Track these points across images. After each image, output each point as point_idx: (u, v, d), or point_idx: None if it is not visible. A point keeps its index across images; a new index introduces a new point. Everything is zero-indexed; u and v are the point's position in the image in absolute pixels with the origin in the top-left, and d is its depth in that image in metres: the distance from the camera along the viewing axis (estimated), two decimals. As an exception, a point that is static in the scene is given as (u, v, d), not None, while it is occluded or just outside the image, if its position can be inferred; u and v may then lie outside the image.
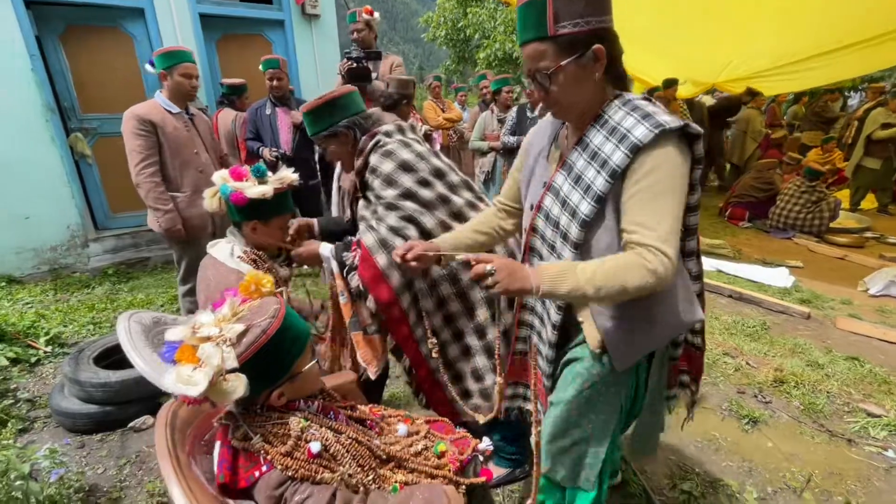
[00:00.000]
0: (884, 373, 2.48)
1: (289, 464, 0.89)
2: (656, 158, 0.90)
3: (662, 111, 0.94)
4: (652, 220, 0.90)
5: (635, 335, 1.06)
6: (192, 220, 2.63)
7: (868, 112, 6.26)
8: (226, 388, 0.85)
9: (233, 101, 4.01)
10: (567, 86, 0.96)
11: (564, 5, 0.90)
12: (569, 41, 0.92)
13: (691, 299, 1.12)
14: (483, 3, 13.78)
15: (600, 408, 1.14)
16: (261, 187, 1.48)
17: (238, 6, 4.53)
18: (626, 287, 0.89)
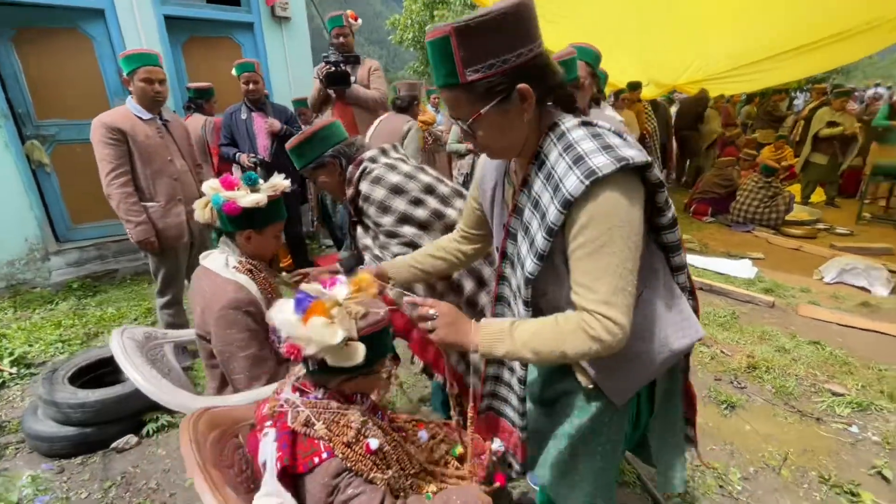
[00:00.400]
0: (843, 354, 2.68)
1: (349, 455, 0.92)
2: (591, 211, 0.80)
3: (599, 146, 0.82)
4: (591, 281, 0.82)
5: (629, 373, 0.98)
6: (167, 230, 2.54)
7: (813, 111, 6.72)
8: (348, 352, 0.92)
9: (200, 105, 3.90)
10: (493, 132, 0.87)
11: (473, 47, 0.78)
12: (485, 88, 0.81)
13: (685, 318, 1.01)
14: (450, 5, 13.87)
15: (606, 436, 1.06)
16: (254, 196, 1.46)
17: (205, 8, 4.40)
18: (566, 353, 0.84)
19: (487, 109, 0.82)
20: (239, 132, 3.41)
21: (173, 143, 2.62)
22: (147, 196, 2.50)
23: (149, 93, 2.40)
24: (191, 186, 2.68)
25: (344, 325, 0.91)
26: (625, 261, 0.81)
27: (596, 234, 0.80)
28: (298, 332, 0.89)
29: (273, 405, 1.01)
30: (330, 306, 0.91)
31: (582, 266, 0.83)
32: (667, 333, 0.97)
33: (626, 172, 0.80)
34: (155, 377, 1.28)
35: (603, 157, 0.79)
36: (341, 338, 0.89)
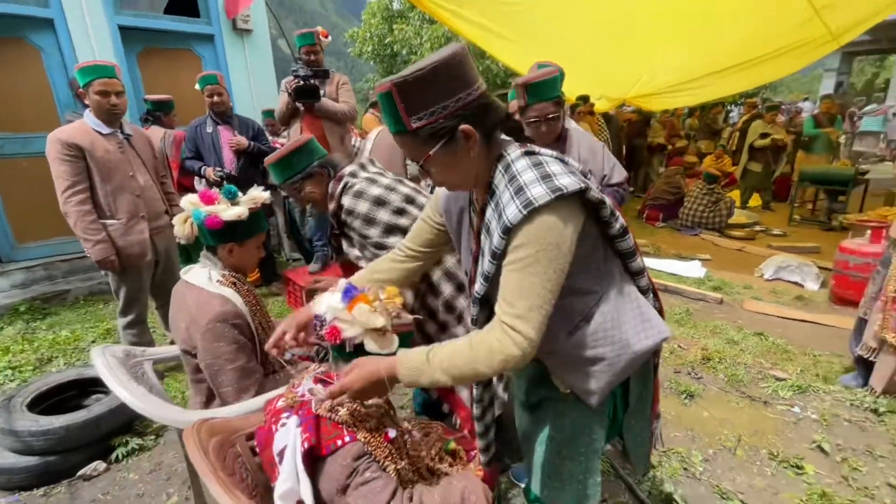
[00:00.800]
0: (783, 343, 2.95)
1: (371, 440, 0.98)
2: (525, 235, 0.86)
3: (538, 176, 0.88)
4: (512, 296, 0.88)
5: (597, 376, 1.03)
6: (129, 248, 2.46)
7: (746, 123, 7.36)
8: (386, 340, 1.02)
9: (159, 117, 3.79)
10: (443, 170, 0.94)
11: (414, 99, 0.85)
12: (429, 133, 0.88)
13: (646, 320, 1.06)
14: (408, 20, 14.06)
15: (588, 437, 1.13)
16: (236, 209, 1.48)
17: (162, 19, 4.30)
18: (480, 371, 0.89)
19: (435, 151, 0.89)
20: (205, 145, 3.35)
21: (136, 158, 2.55)
22: (107, 213, 2.42)
23: (105, 106, 2.33)
24: (155, 202, 2.62)
25: (384, 316, 1.03)
26: (546, 282, 0.87)
27: (524, 254, 0.86)
28: (344, 315, 1.00)
29: (292, 396, 1.07)
30: (373, 299, 1.04)
31: (507, 281, 0.89)
32: (627, 336, 1.02)
33: (562, 200, 0.85)
34: (143, 393, 1.27)
35: (540, 187, 0.85)
36: (383, 322, 1.01)
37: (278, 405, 1.06)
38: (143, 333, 2.72)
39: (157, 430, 2.28)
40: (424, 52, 13.22)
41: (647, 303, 1.10)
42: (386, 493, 0.93)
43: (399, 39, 13.87)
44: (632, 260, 1.06)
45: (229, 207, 1.49)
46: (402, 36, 13.77)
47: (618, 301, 1.03)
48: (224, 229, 1.47)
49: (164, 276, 2.75)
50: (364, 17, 15.09)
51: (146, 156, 2.62)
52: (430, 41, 13.14)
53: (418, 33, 13.57)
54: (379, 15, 14.67)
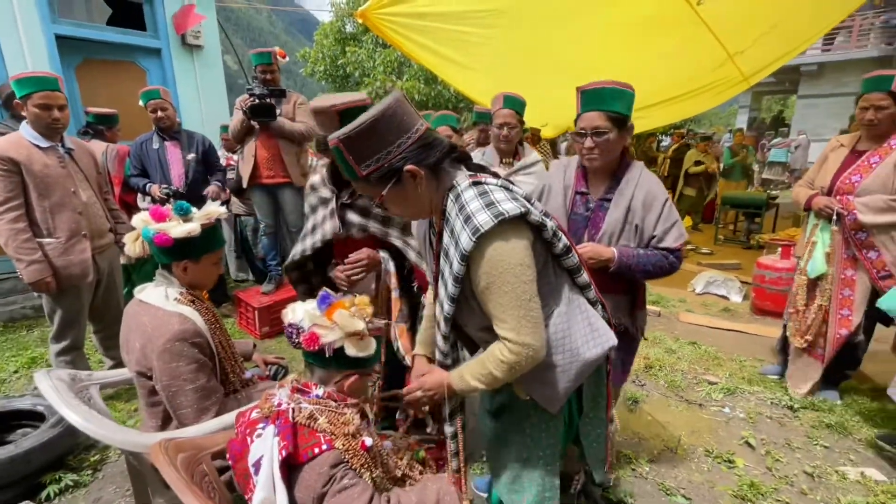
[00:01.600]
0: (714, 350, 3.24)
1: (348, 447, 0.99)
2: (483, 261, 0.97)
3: (482, 205, 0.97)
4: (501, 314, 1.00)
5: (551, 382, 1.13)
6: (68, 268, 2.30)
7: (676, 151, 8.10)
8: (364, 343, 1.08)
9: (100, 131, 3.59)
10: (398, 206, 1.06)
11: (359, 150, 0.96)
12: (378, 176, 0.98)
13: (594, 329, 1.16)
14: (362, 43, 14.24)
15: (546, 441, 1.22)
16: (187, 225, 1.42)
17: (104, 30, 4.12)
18: (499, 378, 1.04)
19: (387, 191, 1.00)
20: (150, 162, 3.21)
21: (79, 173, 2.42)
22: (44, 232, 2.27)
23: (45, 120, 2.21)
24: (98, 220, 2.48)
25: (361, 320, 1.07)
26: (520, 294, 0.98)
27: (491, 279, 0.98)
28: (323, 321, 1.04)
29: (268, 406, 1.06)
30: (349, 305, 1.08)
31: (490, 304, 1.01)
32: (577, 345, 1.12)
33: (506, 223, 0.96)
34: (96, 417, 1.21)
35: (485, 214, 0.95)
36: (363, 325, 1.06)
37: (252, 416, 1.06)
38: (79, 360, 2.53)
39: (94, 464, 2.12)
40: (377, 74, 13.42)
41: (596, 313, 1.20)
42: (363, 500, 0.95)
43: (352, 61, 13.99)
44: (578, 275, 1.17)
45: (180, 224, 1.43)
46: (355, 58, 13.91)
47: (568, 313, 1.13)
48: (175, 247, 1.41)
49: (106, 297, 2.59)
50: (316, 38, 15.10)
51: (89, 171, 2.49)
52: (383, 64, 13.37)
53: (371, 56, 13.76)
54: (332, 36, 14.76)
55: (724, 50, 4.36)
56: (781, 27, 4.13)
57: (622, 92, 1.51)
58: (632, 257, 1.54)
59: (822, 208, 2.30)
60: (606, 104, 1.50)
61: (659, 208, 1.55)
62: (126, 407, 2.56)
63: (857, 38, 13.53)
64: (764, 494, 1.92)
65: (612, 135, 1.50)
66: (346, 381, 1.11)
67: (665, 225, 1.56)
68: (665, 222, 1.56)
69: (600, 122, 1.50)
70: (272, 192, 3.56)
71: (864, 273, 2.27)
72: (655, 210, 1.56)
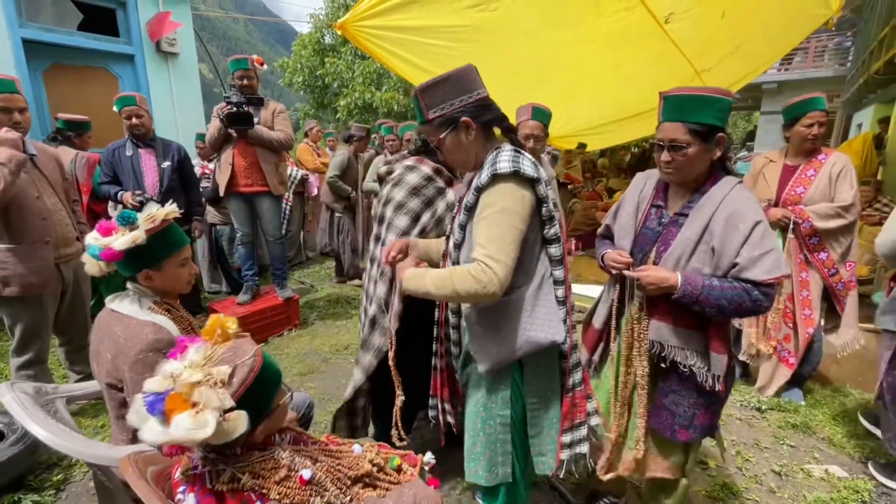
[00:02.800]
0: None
1: (285, 492, 0.91)
2: (491, 195, 1.17)
3: (510, 158, 1.17)
4: (484, 240, 1.15)
5: (493, 342, 1.26)
6: (27, 276, 2.20)
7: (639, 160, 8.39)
8: (228, 427, 0.85)
9: (69, 138, 3.49)
10: (450, 151, 1.28)
11: (431, 98, 1.22)
12: (441, 121, 1.23)
13: (550, 319, 1.25)
14: (340, 54, 14.26)
15: (496, 410, 1.34)
16: (130, 235, 1.32)
17: (75, 35, 4.03)
18: (456, 290, 1.15)
19: (444, 135, 1.24)
20: (123, 169, 3.13)
21: (42, 179, 2.34)
22: (6, 237, 2.18)
23: (5, 123, 2.16)
24: (65, 227, 2.40)
25: (213, 405, 0.84)
26: (507, 233, 1.15)
27: (491, 210, 1.16)
28: (169, 438, 0.82)
29: (187, 467, 0.96)
30: (188, 392, 0.84)
31: (478, 230, 1.18)
32: (529, 323, 1.24)
33: (519, 177, 1.16)
34: (63, 430, 1.16)
35: (507, 164, 1.16)
36: (214, 425, 0.82)
37: (176, 476, 0.96)
38: (42, 375, 2.42)
39: (56, 483, 2.02)
40: (356, 85, 13.45)
41: (557, 309, 1.28)
42: None
43: (331, 72, 13.99)
44: (557, 268, 1.28)
45: (124, 234, 1.33)
46: (334, 69, 13.91)
47: (535, 294, 1.26)
48: (128, 259, 1.33)
49: (72, 309, 2.50)
50: (295, 49, 15.06)
51: (54, 177, 2.41)
52: (363, 75, 13.42)
53: (350, 67, 13.80)
54: (311, 47, 14.74)
55: (692, 67, 4.56)
56: (744, 48, 4.36)
57: (711, 100, 1.30)
58: (702, 288, 1.27)
59: (780, 219, 2.45)
60: (687, 114, 1.31)
61: (746, 231, 1.27)
62: (92, 423, 2.46)
63: (812, 59, 14.39)
64: (735, 494, 1.98)
65: (693, 149, 1.31)
66: (255, 435, 0.97)
67: (753, 252, 1.26)
68: (753, 248, 1.26)
69: (678, 134, 1.33)
70: (249, 201, 3.51)
71: (817, 273, 2.47)
72: (742, 232, 1.27)
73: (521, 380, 1.34)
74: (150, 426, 0.84)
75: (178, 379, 0.86)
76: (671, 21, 4.02)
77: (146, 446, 1.26)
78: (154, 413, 0.84)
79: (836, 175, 2.38)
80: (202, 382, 0.86)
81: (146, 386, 0.87)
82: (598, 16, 3.90)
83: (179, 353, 0.95)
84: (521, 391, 1.35)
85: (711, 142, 1.32)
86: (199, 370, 0.89)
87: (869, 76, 8.38)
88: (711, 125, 1.30)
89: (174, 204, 1.45)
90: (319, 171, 5.23)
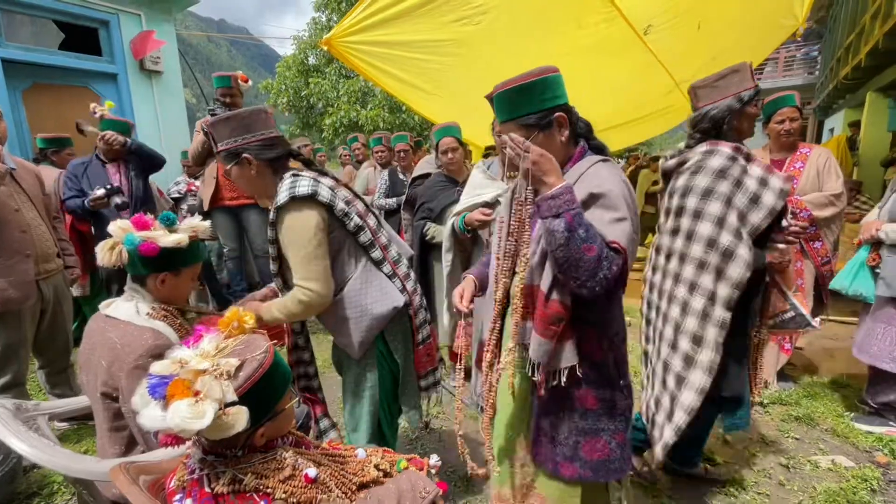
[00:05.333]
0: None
1: (291, 490, 0.87)
2: (281, 229, 1.38)
3: (287, 187, 1.38)
4: (295, 266, 1.38)
5: (349, 334, 1.49)
6: (7, 290, 2.10)
7: (632, 173, 8.56)
8: (227, 422, 0.81)
9: (48, 156, 3.41)
10: (238, 181, 1.47)
11: (218, 133, 1.40)
12: (227, 154, 1.41)
13: (384, 292, 1.50)
14: (325, 74, 14.38)
15: (365, 386, 1.58)
16: (175, 235, 1.36)
17: (56, 54, 3.98)
18: (293, 311, 1.41)
19: (229, 167, 1.43)
20: (95, 183, 2.91)
21: (21, 193, 2.27)
22: None
23: None
24: (45, 242, 2.32)
25: (214, 396, 0.80)
26: (308, 253, 1.36)
27: (287, 240, 1.38)
28: (165, 425, 0.78)
29: (182, 475, 0.91)
30: (192, 379, 0.81)
31: (289, 260, 1.39)
32: (367, 303, 1.47)
33: (296, 200, 1.35)
34: (46, 445, 1.09)
35: (285, 193, 1.36)
36: (211, 417, 0.77)
37: (171, 485, 0.91)
38: (20, 398, 2.29)
39: (36, 513, 1.90)
40: (341, 104, 13.55)
41: (390, 283, 1.53)
42: None
43: (315, 92, 14.07)
44: (372, 251, 1.50)
45: (168, 234, 1.36)
46: (319, 89, 14.00)
47: (362, 278, 1.48)
48: (160, 257, 1.33)
49: (52, 328, 2.39)
50: (279, 70, 15.15)
51: (34, 192, 2.34)
52: (347, 94, 13.53)
53: (335, 87, 13.91)
54: (294, 68, 14.85)
55: (671, 78, 4.69)
56: (720, 59, 4.50)
57: (532, 86, 1.13)
58: (577, 205, 1.02)
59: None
60: (515, 110, 1.16)
61: (599, 199, 1.09)
62: (76, 448, 2.33)
63: (783, 69, 15.01)
64: (746, 488, 1.95)
65: (535, 141, 1.12)
66: (255, 438, 0.93)
67: (605, 216, 1.08)
68: (606, 212, 1.08)
69: (513, 134, 1.13)
70: (235, 215, 3.45)
71: (810, 261, 2.54)
72: (602, 200, 1.09)
73: (385, 348, 1.57)
74: (150, 411, 0.81)
75: (185, 365, 0.84)
76: (650, 33, 4.13)
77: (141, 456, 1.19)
78: (154, 396, 0.81)
79: (822, 167, 2.47)
80: (208, 372, 0.83)
81: (153, 368, 0.84)
82: (579, 28, 4.00)
83: (194, 342, 0.93)
84: (386, 357, 1.59)
85: (551, 125, 1.15)
86: (208, 359, 0.87)
87: (838, 82, 8.74)
88: (544, 111, 1.13)
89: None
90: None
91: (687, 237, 1.56)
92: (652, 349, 1.80)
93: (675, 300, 1.60)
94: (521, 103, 1.13)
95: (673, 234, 1.63)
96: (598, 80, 5.21)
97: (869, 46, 7.65)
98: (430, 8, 3.36)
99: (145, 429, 0.83)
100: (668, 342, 1.63)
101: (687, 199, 1.57)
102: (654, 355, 1.77)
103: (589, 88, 5.29)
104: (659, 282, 1.73)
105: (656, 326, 1.74)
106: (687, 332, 1.54)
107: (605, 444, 1.16)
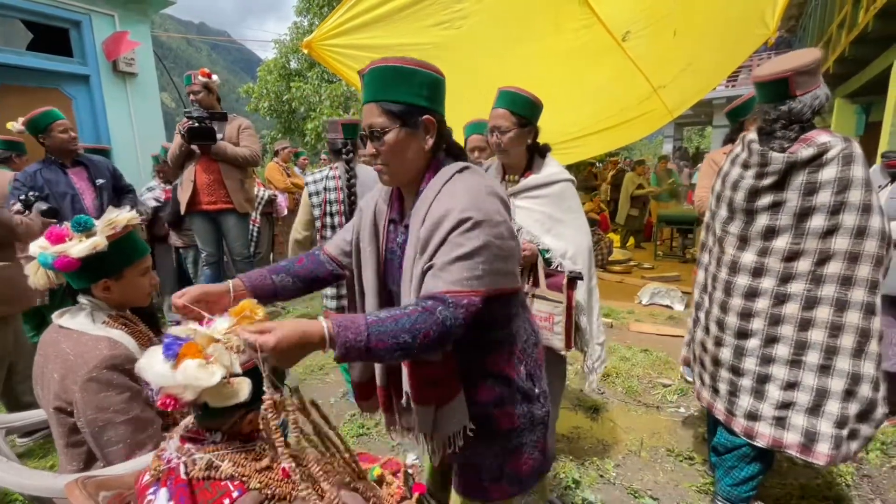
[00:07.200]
0: (664, 356, 3.37)
1: (267, 480, 0.86)
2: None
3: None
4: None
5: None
6: None
7: (615, 177, 8.68)
8: (229, 391, 0.84)
9: (7, 158, 3.26)
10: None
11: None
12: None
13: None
14: (307, 79, 14.27)
15: None
16: (89, 241, 1.21)
17: (25, 55, 3.86)
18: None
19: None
20: (57, 192, 2.75)
21: None
22: None
23: None
24: None
25: (223, 363, 0.82)
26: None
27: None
28: (172, 381, 0.79)
29: (157, 466, 0.89)
30: (205, 344, 0.83)
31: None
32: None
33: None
34: (2, 461, 1.03)
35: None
36: (219, 377, 0.80)
37: (145, 480, 0.89)
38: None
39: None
40: (324, 108, 13.43)
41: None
42: None
43: (297, 97, 13.94)
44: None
45: (81, 241, 1.22)
46: (301, 93, 13.88)
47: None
48: (84, 267, 1.23)
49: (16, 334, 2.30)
50: (260, 74, 14.98)
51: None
52: (330, 99, 13.43)
53: (317, 91, 13.80)
54: (276, 72, 14.70)
55: (650, 84, 4.77)
56: (695, 65, 4.61)
57: (407, 72, 0.96)
58: (366, 329, 0.81)
59: None
60: (382, 92, 0.97)
61: (447, 229, 0.90)
62: (41, 464, 2.23)
63: (756, 77, 15.46)
64: (725, 487, 1.96)
65: (391, 134, 0.97)
66: (243, 423, 0.93)
67: (447, 255, 0.89)
68: (450, 251, 0.89)
69: (374, 117, 0.97)
70: (213, 219, 3.37)
71: None
72: (442, 231, 0.90)
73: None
74: (156, 368, 0.81)
75: (199, 332, 0.85)
76: (628, 39, 4.21)
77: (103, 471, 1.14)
78: (167, 354, 0.81)
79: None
80: (220, 341, 0.85)
81: (170, 330, 0.86)
82: (558, 32, 4.05)
83: (207, 323, 0.92)
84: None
85: (417, 126, 0.98)
86: (221, 333, 0.87)
87: (808, 89, 9.02)
88: (411, 105, 0.96)
89: (133, 210, 1.33)
90: (289, 190, 5.13)
91: (858, 234, 1.45)
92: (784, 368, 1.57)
93: (826, 302, 1.50)
94: (394, 86, 0.95)
95: (826, 235, 1.48)
96: (577, 86, 5.28)
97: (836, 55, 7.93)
98: (412, 12, 3.36)
99: (151, 383, 0.87)
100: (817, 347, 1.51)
101: (848, 193, 1.44)
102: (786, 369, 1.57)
103: (569, 93, 5.36)
104: (789, 291, 1.55)
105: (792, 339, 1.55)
106: (850, 326, 1.48)
107: (528, 456, 1.10)
